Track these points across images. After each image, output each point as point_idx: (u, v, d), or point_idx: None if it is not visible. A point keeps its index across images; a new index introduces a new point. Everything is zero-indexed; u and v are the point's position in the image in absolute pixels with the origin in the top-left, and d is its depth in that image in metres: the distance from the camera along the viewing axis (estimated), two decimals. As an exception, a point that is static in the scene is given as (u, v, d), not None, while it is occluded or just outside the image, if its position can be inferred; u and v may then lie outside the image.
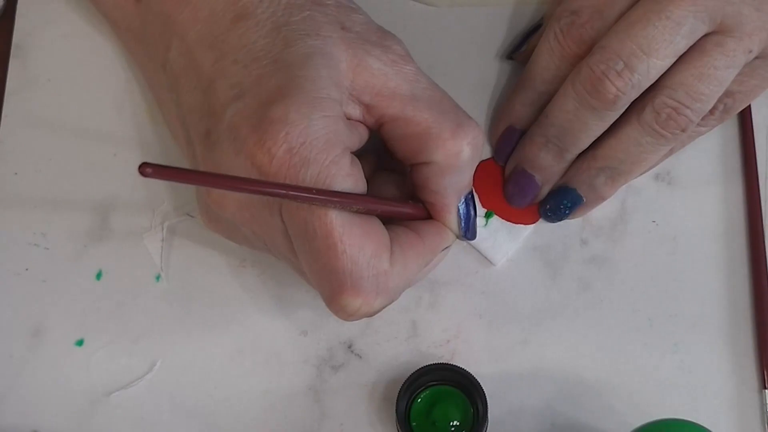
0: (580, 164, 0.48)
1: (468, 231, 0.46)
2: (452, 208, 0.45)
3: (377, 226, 0.42)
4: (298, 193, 0.39)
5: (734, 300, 0.49)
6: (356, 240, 0.41)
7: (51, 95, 0.53)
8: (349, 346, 0.49)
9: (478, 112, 0.52)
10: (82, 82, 0.53)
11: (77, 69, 0.53)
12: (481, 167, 0.51)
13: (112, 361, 0.49)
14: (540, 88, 0.48)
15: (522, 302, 0.49)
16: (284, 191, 0.39)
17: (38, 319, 0.50)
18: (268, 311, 0.49)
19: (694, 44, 0.44)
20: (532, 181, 0.49)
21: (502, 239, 0.50)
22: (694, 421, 0.41)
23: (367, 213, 0.42)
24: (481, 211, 0.50)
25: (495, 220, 0.50)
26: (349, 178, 0.41)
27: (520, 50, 0.51)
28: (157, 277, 0.50)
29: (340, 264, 0.40)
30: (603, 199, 0.49)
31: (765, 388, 0.48)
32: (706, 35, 0.44)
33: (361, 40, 0.43)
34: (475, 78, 0.53)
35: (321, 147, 0.40)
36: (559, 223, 0.50)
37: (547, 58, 0.47)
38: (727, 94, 0.46)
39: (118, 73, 0.53)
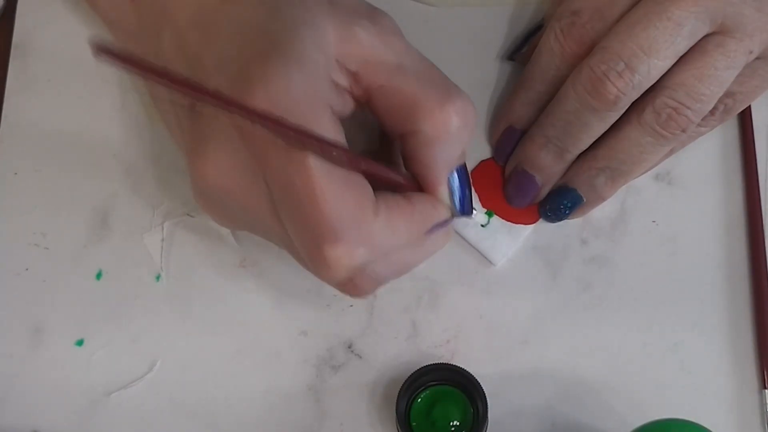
0: (581, 164, 0.48)
1: (463, 206, 0.45)
2: (442, 180, 0.44)
3: (360, 180, 0.41)
4: (276, 126, 0.38)
5: (734, 300, 0.49)
6: (337, 189, 0.40)
7: (51, 95, 0.53)
8: (349, 346, 0.49)
9: (478, 112, 0.52)
10: (82, 82, 0.53)
11: (77, 69, 0.53)
12: (481, 167, 0.51)
13: (112, 361, 0.49)
14: (540, 88, 0.48)
15: (522, 302, 0.49)
16: (255, 117, 0.38)
17: (38, 319, 0.50)
18: (268, 311, 0.49)
19: (695, 45, 0.44)
20: (532, 181, 0.49)
21: (501, 239, 0.50)
22: (694, 421, 0.41)
23: (351, 168, 0.41)
24: (481, 210, 0.50)
25: (495, 220, 0.50)
26: (328, 134, 0.40)
27: (521, 51, 0.51)
28: (157, 277, 0.50)
29: (320, 214, 0.39)
30: (603, 199, 0.49)
31: (765, 388, 0.48)
32: (706, 36, 0.44)
33: (349, 12, 0.43)
34: (475, 78, 0.53)
35: (302, 103, 0.39)
36: (559, 223, 0.50)
37: (548, 59, 0.47)
38: (728, 94, 0.46)
39: (117, 73, 0.53)
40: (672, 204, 0.51)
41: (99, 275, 0.50)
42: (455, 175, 0.44)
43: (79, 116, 0.53)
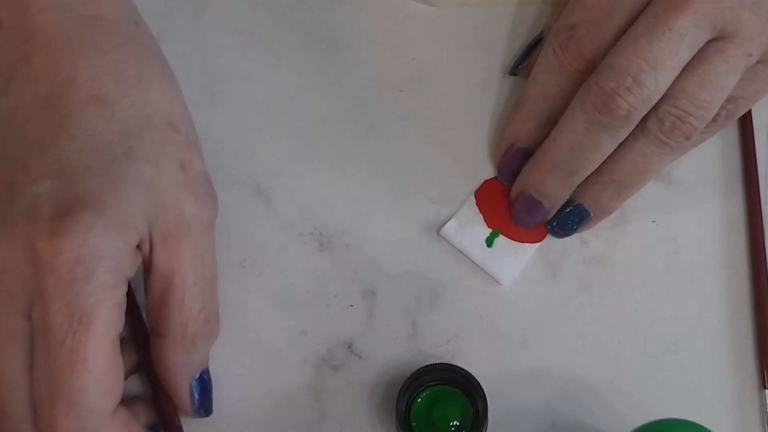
0: (586, 180, 0.48)
1: (204, 409, 0.46)
2: (183, 386, 0.45)
3: (120, 377, 0.42)
4: None
5: (734, 300, 0.49)
6: (102, 367, 0.40)
7: (51, 95, 0.53)
8: (349, 346, 0.49)
9: (477, 111, 0.52)
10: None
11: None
12: (485, 187, 0.51)
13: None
14: (542, 105, 0.48)
15: (522, 302, 0.49)
16: None
17: (38, 319, 0.49)
18: (268, 311, 0.49)
19: (697, 53, 0.44)
20: (539, 205, 0.48)
21: (508, 259, 0.50)
22: (694, 421, 0.41)
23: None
24: (486, 231, 0.50)
25: (501, 239, 0.50)
26: (114, 310, 0.41)
27: (522, 65, 0.51)
28: (157, 277, 0.50)
29: (79, 380, 0.40)
30: (610, 212, 0.49)
31: (765, 388, 0.48)
32: (707, 43, 0.44)
33: (190, 188, 0.44)
34: (475, 78, 0.53)
35: (108, 271, 0.40)
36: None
37: (547, 75, 0.47)
38: (730, 99, 0.46)
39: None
40: (672, 204, 0.51)
41: None
42: (197, 380, 0.46)
43: (79, 116, 0.53)
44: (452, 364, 0.46)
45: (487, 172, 0.51)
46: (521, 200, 0.49)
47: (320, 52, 0.53)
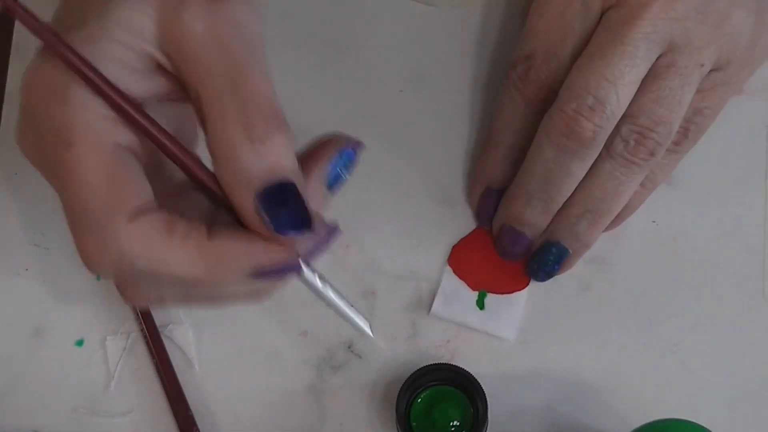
0: (558, 217, 0.47)
1: (278, 226, 0.36)
2: (245, 200, 0.36)
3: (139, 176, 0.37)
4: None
5: (734, 299, 0.49)
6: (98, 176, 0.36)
7: (51, 95, 0.53)
8: (349, 346, 0.49)
9: (477, 111, 0.52)
10: (82, 82, 0.53)
11: (77, 69, 0.53)
12: (456, 252, 0.50)
13: (112, 361, 0.49)
14: (510, 141, 0.47)
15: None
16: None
17: (38, 319, 0.50)
18: (268, 311, 0.49)
19: (651, 68, 0.44)
20: (521, 236, 0.48)
21: (504, 314, 0.49)
22: (694, 421, 0.41)
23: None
24: (473, 294, 0.49)
25: (490, 298, 0.49)
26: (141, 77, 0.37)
27: None
28: (157, 277, 0.50)
29: (75, 200, 0.37)
30: (587, 246, 0.48)
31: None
32: (659, 57, 0.44)
33: None
34: (474, 78, 0.53)
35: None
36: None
37: (511, 109, 0.47)
38: (695, 112, 0.46)
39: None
40: (672, 204, 0.51)
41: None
42: (262, 193, 0.36)
43: (79, 116, 0.53)
44: (452, 364, 0.46)
45: (464, 227, 0.51)
46: (504, 233, 0.48)
47: (320, 52, 0.53)
